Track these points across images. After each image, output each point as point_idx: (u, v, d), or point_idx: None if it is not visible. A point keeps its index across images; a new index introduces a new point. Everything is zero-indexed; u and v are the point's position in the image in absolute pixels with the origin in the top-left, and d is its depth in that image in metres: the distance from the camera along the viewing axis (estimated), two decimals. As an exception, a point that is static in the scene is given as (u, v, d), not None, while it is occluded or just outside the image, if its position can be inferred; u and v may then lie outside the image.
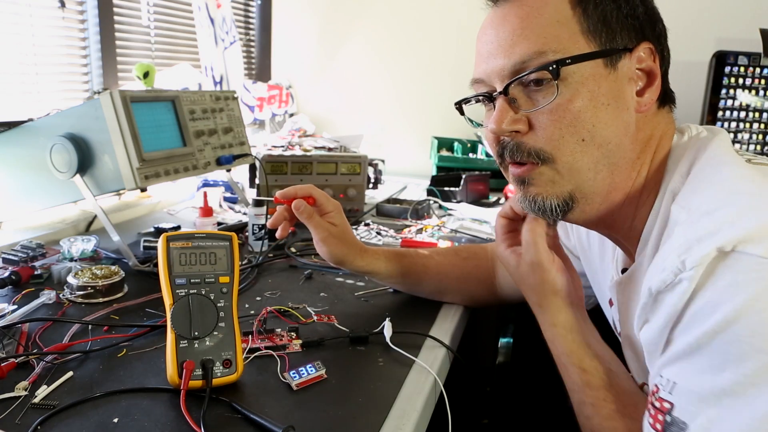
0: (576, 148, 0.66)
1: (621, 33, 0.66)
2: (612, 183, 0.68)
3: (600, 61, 0.65)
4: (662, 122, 0.70)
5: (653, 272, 0.59)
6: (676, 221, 0.60)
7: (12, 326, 0.84)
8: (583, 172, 0.67)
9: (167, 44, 1.98)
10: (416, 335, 0.90)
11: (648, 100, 0.67)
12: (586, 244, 0.90)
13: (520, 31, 0.66)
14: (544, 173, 0.68)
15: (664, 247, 0.60)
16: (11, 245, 1.16)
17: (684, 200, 0.62)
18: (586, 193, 0.68)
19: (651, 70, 0.68)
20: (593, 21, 0.65)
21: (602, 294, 0.87)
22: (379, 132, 2.34)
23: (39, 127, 1.14)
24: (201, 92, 1.31)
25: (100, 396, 0.69)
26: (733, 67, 1.86)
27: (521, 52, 0.66)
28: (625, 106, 0.66)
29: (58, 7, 1.51)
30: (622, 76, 0.66)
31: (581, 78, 0.65)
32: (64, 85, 1.58)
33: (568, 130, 0.65)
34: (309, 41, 2.50)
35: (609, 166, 0.67)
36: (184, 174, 1.19)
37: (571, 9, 0.66)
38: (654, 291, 0.58)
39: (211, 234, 0.75)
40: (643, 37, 0.67)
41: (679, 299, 0.55)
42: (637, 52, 0.67)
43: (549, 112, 0.66)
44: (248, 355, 0.80)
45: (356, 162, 1.60)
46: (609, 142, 0.66)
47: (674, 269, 0.55)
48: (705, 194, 0.60)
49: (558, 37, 0.65)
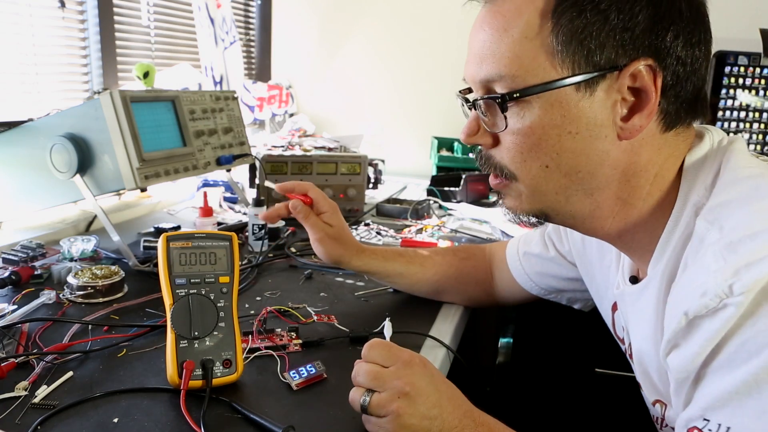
0: (539, 174, 0.62)
1: (602, 50, 0.57)
2: (594, 203, 0.63)
3: (570, 87, 0.58)
4: (669, 144, 0.62)
5: (688, 295, 0.54)
6: (703, 238, 0.55)
7: (12, 326, 0.84)
8: (549, 195, 0.64)
9: (167, 44, 1.98)
10: (416, 335, 0.90)
11: (635, 127, 0.59)
12: (581, 249, 0.89)
13: (488, 46, 0.62)
14: (515, 188, 0.66)
15: (695, 267, 0.55)
16: (11, 245, 1.16)
17: (712, 217, 0.56)
18: (560, 212, 0.65)
19: (645, 90, 0.58)
20: (563, 40, 0.57)
21: (602, 298, 0.86)
22: (379, 132, 2.34)
23: (39, 127, 1.14)
24: (201, 92, 1.31)
25: (100, 396, 0.69)
26: (733, 67, 1.86)
27: (486, 70, 0.62)
28: (602, 134, 0.59)
29: (58, 7, 1.51)
30: (600, 102, 0.59)
31: (545, 103, 0.59)
32: (64, 85, 1.58)
33: (529, 155, 0.62)
34: (309, 41, 2.50)
35: (583, 191, 0.62)
36: (184, 174, 1.19)
37: (540, 23, 0.58)
38: (691, 315, 0.52)
39: (211, 234, 0.75)
40: (640, 53, 0.57)
41: (722, 327, 0.50)
42: (629, 70, 0.57)
43: (511, 134, 0.62)
44: (248, 355, 0.80)
45: (356, 162, 1.60)
46: (578, 171, 0.61)
47: (719, 294, 0.50)
48: (740, 213, 0.54)
49: (521, 59, 0.59)
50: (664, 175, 0.63)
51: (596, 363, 1.27)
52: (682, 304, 0.54)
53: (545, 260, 0.97)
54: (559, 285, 0.98)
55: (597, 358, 1.26)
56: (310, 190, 0.97)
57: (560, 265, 0.95)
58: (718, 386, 0.51)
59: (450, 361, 0.89)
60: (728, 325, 0.50)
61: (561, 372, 1.31)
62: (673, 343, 0.56)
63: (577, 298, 0.99)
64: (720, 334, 0.50)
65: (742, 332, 0.49)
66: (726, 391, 0.50)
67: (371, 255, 1.01)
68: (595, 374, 1.27)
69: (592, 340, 1.23)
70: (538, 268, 0.98)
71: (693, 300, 0.52)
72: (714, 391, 0.51)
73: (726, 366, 0.50)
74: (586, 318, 1.06)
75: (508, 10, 0.61)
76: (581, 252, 0.89)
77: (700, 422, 0.52)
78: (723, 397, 0.50)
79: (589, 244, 0.86)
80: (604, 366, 1.25)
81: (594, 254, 0.85)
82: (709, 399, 0.52)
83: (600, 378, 1.26)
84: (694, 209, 0.59)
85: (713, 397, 0.51)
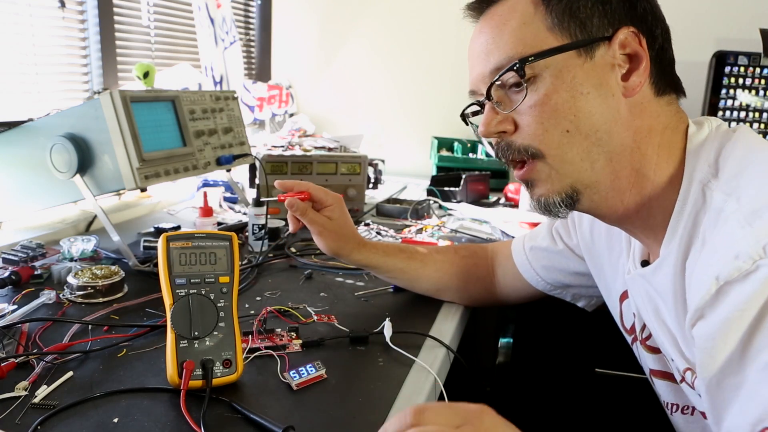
0: (562, 140, 0.66)
1: (592, 21, 0.65)
2: (614, 171, 0.67)
3: (572, 53, 0.65)
4: (664, 112, 0.68)
5: (714, 261, 0.55)
6: (720, 209, 0.58)
7: (12, 326, 0.84)
8: (576, 163, 0.67)
9: (167, 44, 1.98)
10: (416, 335, 0.90)
11: (635, 84, 0.66)
12: (590, 241, 0.90)
13: (492, 40, 0.69)
14: (542, 170, 0.69)
15: (719, 236, 0.57)
16: (11, 245, 1.16)
17: (729, 188, 0.59)
18: (588, 183, 0.68)
19: (636, 52, 0.66)
20: (557, 15, 0.65)
21: (610, 290, 0.86)
22: (379, 132, 2.34)
23: (39, 127, 1.14)
24: (201, 92, 1.31)
25: (100, 396, 0.69)
26: (733, 67, 1.86)
27: (494, 59, 0.68)
28: (610, 93, 0.65)
29: (58, 7, 1.51)
30: (600, 64, 0.65)
31: (554, 71, 0.65)
32: (64, 85, 1.58)
33: (549, 123, 0.66)
34: (309, 41, 2.50)
35: (605, 154, 0.66)
36: (184, 174, 1.19)
37: (533, 9, 0.66)
38: (722, 280, 0.53)
39: (211, 234, 0.75)
40: (621, 22, 0.66)
41: (754, 291, 0.50)
42: (617, 38, 0.65)
43: (529, 109, 0.67)
44: (248, 355, 0.80)
45: (356, 162, 1.60)
46: (597, 130, 0.65)
47: (752, 255, 0.51)
48: (757, 184, 0.57)
49: (524, 39, 0.66)
50: (667, 147, 0.67)
51: (596, 363, 1.27)
52: (711, 271, 0.54)
53: (553, 254, 0.97)
54: (566, 279, 0.98)
55: (597, 358, 1.26)
56: (308, 187, 0.97)
57: (568, 259, 0.96)
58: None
59: (450, 361, 0.89)
60: (764, 292, 0.49)
61: (561, 372, 1.31)
62: (699, 313, 0.56)
63: (582, 295, 1.00)
64: (753, 299, 0.50)
65: None
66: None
67: (372, 249, 1.01)
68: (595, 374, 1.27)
69: (592, 340, 1.23)
70: (545, 262, 0.99)
71: (725, 264, 0.53)
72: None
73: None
74: (586, 318, 1.06)
75: (502, 10, 0.69)
76: (590, 244, 0.90)
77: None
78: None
79: (598, 235, 0.87)
80: (604, 366, 1.25)
81: (603, 245, 0.86)
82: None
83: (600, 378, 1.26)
84: (701, 186, 0.63)
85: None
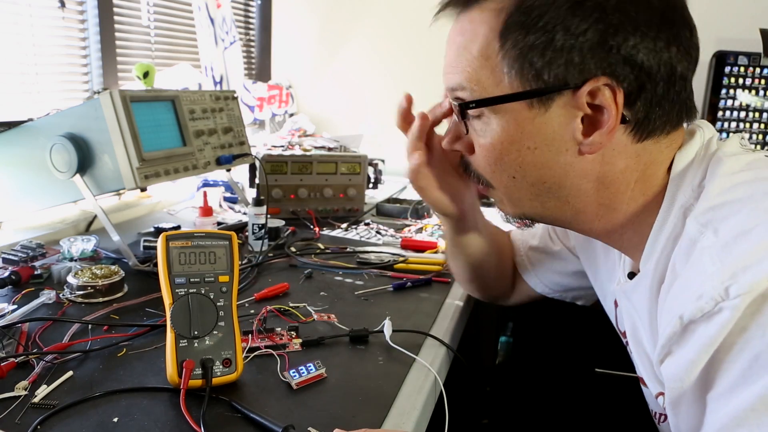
0: (509, 183, 0.65)
1: (552, 68, 0.58)
2: (573, 208, 0.65)
3: (523, 104, 0.60)
4: (647, 152, 0.62)
5: (684, 298, 0.52)
6: (695, 240, 0.54)
7: (12, 326, 0.84)
8: (525, 201, 0.66)
9: (167, 44, 1.98)
10: (416, 334, 0.90)
11: (595, 143, 0.59)
12: (585, 242, 0.89)
13: (455, 58, 0.66)
14: (494, 194, 0.70)
15: (689, 270, 0.54)
16: (11, 245, 1.16)
17: (705, 219, 0.55)
18: (543, 215, 0.67)
19: (603, 107, 0.58)
20: (514, 57, 0.60)
21: (605, 293, 0.86)
22: (379, 132, 2.34)
23: (39, 127, 1.14)
24: (201, 92, 1.31)
25: (100, 395, 0.69)
26: (733, 67, 1.86)
27: (452, 80, 0.67)
28: (561, 149, 0.61)
29: (58, 7, 1.51)
30: (556, 117, 0.60)
31: (502, 121, 0.62)
32: (64, 85, 1.58)
33: (496, 167, 0.65)
34: (309, 41, 2.50)
35: (557, 198, 0.64)
36: (184, 174, 1.18)
37: (497, 44, 0.61)
38: (686, 320, 0.50)
39: (211, 233, 0.75)
40: (593, 70, 0.57)
41: (718, 333, 0.48)
42: (587, 88, 0.58)
43: (478, 146, 0.66)
44: (248, 354, 0.80)
45: (356, 162, 1.60)
46: (544, 182, 0.63)
47: (714, 297, 0.48)
48: (737, 216, 0.53)
49: (479, 73, 0.63)
50: (648, 180, 0.63)
51: (596, 363, 1.27)
52: (676, 308, 0.52)
53: (551, 255, 0.97)
54: (565, 281, 0.98)
55: (597, 357, 1.26)
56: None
57: (566, 260, 0.95)
58: (732, 407, 0.47)
59: (450, 361, 0.89)
60: (724, 332, 0.47)
61: (561, 372, 1.31)
62: (667, 349, 0.54)
63: (581, 296, 0.99)
64: (716, 340, 0.48)
65: (749, 346, 0.46)
66: (742, 411, 0.46)
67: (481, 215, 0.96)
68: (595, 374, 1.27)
69: (592, 340, 1.23)
70: (545, 264, 0.98)
71: (688, 303, 0.50)
72: (728, 414, 0.48)
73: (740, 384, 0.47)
74: (586, 317, 1.06)
75: (469, 29, 0.64)
76: (586, 246, 0.89)
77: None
78: (740, 418, 0.47)
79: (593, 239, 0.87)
80: (604, 366, 1.25)
81: (599, 249, 0.85)
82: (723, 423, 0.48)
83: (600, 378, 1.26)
84: (682, 210, 0.59)
85: (729, 420, 0.47)
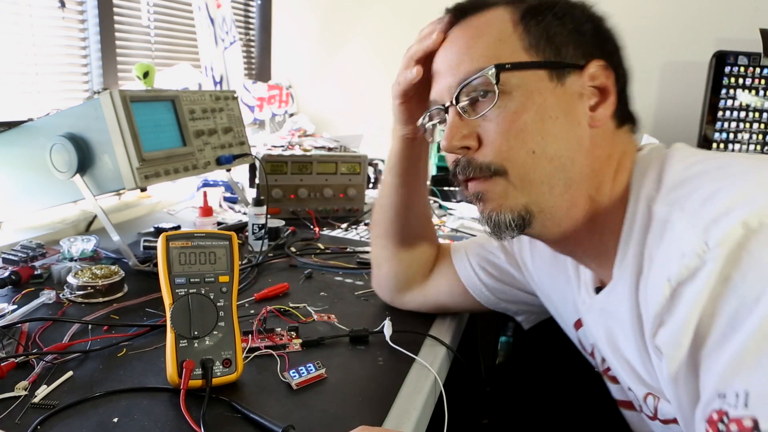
0: (527, 160, 0.64)
1: (567, 49, 0.65)
2: (571, 199, 0.66)
3: (544, 75, 0.65)
4: (622, 142, 0.69)
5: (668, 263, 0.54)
6: (665, 220, 0.57)
7: (12, 326, 0.84)
8: (536, 184, 0.65)
9: (167, 44, 1.98)
10: (416, 334, 0.90)
11: (602, 116, 0.66)
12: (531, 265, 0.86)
13: (465, 50, 0.68)
14: (498, 184, 0.66)
15: (666, 244, 0.56)
16: (11, 245, 1.16)
17: (671, 199, 0.58)
18: (543, 207, 0.66)
19: (605, 86, 0.66)
20: (535, 37, 0.65)
21: (562, 316, 0.85)
22: (379, 132, 2.34)
23: (39, 127, 1.14)
24: (201, 92, 1.31)
25: (100, 396, 0.69)
26: (733, 67, 1.86)
27: (465, 69, 0.67)
28: (577, 121, 0.65)
29: (58, 7, 1.51)
30: (570, 92, 0.65)
31: (525, 92, 0.64)
32: (64, 85, 1.58)
33: (516, 141, 0.64)
34: (309, 41, 2.50)
35: (564, 180, 0.65)
36: (184, 174, 1.19)
37: (512, 27, 0.66)
38: (674, 282, 0.52)
39: (211, 233, 0.75)
40: (593, 55, 0.66)
41: (704, 287, 0.49)
42: (588, 70, 0.66)
43: (496, 125, 0.65)
44: (248, 355, 0.80)
45: (356, 162, 1.60)
46: (561, 156, 0.64)
47: (696, 251, 0.50)
48: (698, 191, 0.56)
49: (499, 54, 0.65)
50: (620, 173, 0.67)
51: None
52: (662, 275, 0.54)
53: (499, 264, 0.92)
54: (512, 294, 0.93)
55: (597, 357, 1.26)
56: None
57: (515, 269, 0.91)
58: (724, 357, 0.48)
59: (450, 361, 0.89)
60: (710, 284, 0.49)
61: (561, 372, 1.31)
62: (659, 320, 0.55)
63: (525, 311, 0.96)
64: (704, 295, 0.49)
65: (735, 290, 0.48)
66: (733, 358, 0.47)
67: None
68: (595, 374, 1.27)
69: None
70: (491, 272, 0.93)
71: (674, 265, 0.53)
72: (721, 364, 0.48)
73: (728, 333, 0.47)
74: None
75: (479, 22, 0.68)
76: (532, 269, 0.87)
77: (716, 402, 0.48)
78: (732, 365, 0.47)
79: (540, 260, 0.84)
80: (604, 366, 1.25)
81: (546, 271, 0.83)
82: (718, 374, 0.48)
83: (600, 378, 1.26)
84: (647, 201, 0.62)
85: (723, 369, 0.48)
